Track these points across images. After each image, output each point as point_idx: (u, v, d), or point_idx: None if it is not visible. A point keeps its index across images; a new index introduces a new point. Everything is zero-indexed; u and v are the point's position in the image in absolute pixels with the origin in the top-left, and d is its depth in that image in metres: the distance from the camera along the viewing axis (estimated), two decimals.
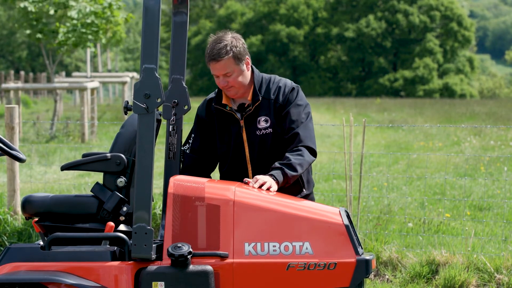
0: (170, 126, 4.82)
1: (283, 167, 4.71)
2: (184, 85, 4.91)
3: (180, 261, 4.43)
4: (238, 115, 4.93)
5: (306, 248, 4.35)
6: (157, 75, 4.41)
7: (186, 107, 4.88)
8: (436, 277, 6.74)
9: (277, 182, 4.66)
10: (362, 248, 4.47)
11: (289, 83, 4.97)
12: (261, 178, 4.62)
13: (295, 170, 4.72)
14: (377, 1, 59.23)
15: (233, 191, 4.44)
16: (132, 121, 4.87)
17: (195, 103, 5.05)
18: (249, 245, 4.35)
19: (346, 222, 4.40)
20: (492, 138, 18.32)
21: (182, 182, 4.50)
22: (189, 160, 4.98)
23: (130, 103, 4.54)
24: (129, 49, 68.19)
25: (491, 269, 6.70)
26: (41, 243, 4.68)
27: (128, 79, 27.37)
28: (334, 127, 20.45)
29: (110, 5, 18.94)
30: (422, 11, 58.31)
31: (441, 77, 57.74)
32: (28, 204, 4.74)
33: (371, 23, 57.40)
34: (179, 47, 4.95)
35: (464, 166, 12.68)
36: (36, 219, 4.78)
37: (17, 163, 8.26)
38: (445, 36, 58.77)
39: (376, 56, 58.43)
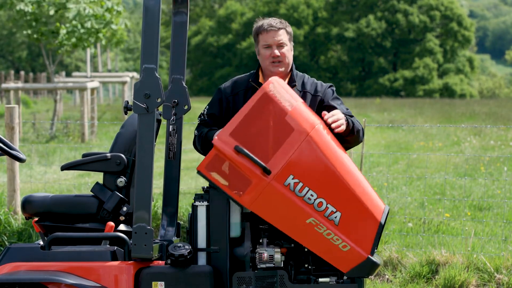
0: (170, 126, 4.82)
1: (351, 120, 4.81)
2: (184, 85, 4.92)
3: (180, 261, 4.43)
4: None
5: (336, 217, 4.39)
6: (157, 75, 4.42)
7: (186, 107, 4.89)
8: (436, 277, 6.74)
9: (347, 125, 4.74)
10: (376, 249, 4.49)
11: (324, 83, 5.11)
12: (339, 115, 4.67)
13: (357, 127, 4.84)
14: (377, 1, 59.21)
15: (314, 126, 4.44)
16: (132, 121, 4.87)
17: (195, 103, 5.06)
18: (292, 179, 4.37)
19: (383, 221, 4.44)
20: (492, 138, 18.31)
21: (279, 87, 4.50)
22: (208, 125, 4.96)
23: (130, 103, 4.55)
24: (129, 49, 68.16)
25: (491, 269, 6.70)
26: (41, 243, 4.69)
27: (128, 79, 27.37)
28: None
29: (110, 9, 18.93)
30: (422, 11, 58.28)
31: (441, 77, 57.72)
32: (28, 204, 4.75)
33: (371, 23, 57.37)
34: (179, 47, 4.96)
35: (464, 166, 12.68)
36: (36, 219, 4.78)
37: (17, 163, 8.26)
38: (445, 36, 58.75)
39: (376, 56, 58.41)
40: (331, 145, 4.45)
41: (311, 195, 4.38)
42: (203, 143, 4.89)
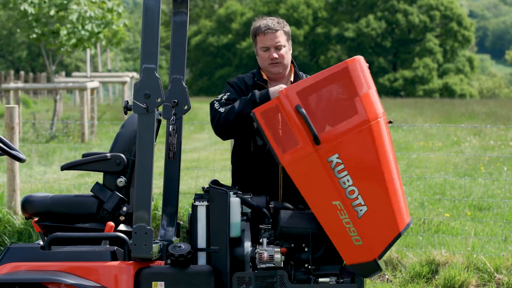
0: (170, 126, 4.82)
1: None
2: (184, 85, 4.92)
3: (180, 261, 4.43)
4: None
5: (361, 210, 4.38)
6: (157, 75, 4.42)
7: (186, 107, 4.89)
8: (436, 277, 6.74)
9: None
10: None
11: None
12: None
13: None
14: (377, 1, 59.21)
15: (377, 118, 4.41)
16: (132, 121, 4.87)
17: (195, 103, 5.06)
18: (336, 158, 4.36)
19: (402, 232, 4.44)
20: (492, 138, 18.31)
21: (360, 69, 4.47)
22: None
23: (130, 103, 4.55)
24: (129, 49, 68.16)
25: (491, 269, 6.70)
26: (41, 243, 4.69)
27: (128, 79, 27.35)
28: None
29: (111, 10, 18.93)
30: (422, 11, 58.28)
31: (441, 77, 57.72)
32: (28, 204, 4.75)
33: (371, 23, 57.37)
34: (179, 47, 4.96)
35: (464, 166, 12.67)
36: (36, 219, 4.78)
37: (17, 163, 8.26)
38: (445, 36, 58.74)
39: (376, 56, 58.41)
40: (385, 142, 4.42)
41: (347, 180, 4.36)
42: (246, 106, 4.75)
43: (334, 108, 4.38)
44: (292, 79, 5.04)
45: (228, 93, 4.98)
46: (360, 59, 4.50)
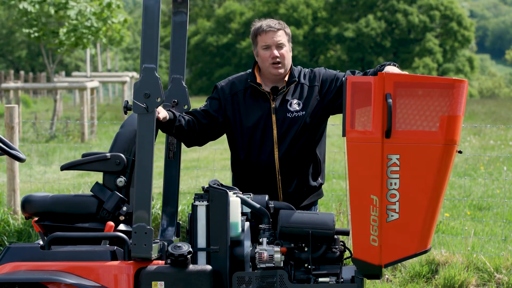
0: None
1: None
2: (183, 84, 4.93)
3: (180, 261, 4.43)
4: (271, 96, 4.96)
5: (392, 216, 4.37)
6: (156, 74, 4.41)
7: (186, 107, 4.90)
8: (436, 276, 6.74)
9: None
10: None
11: (316, 68, 5.12)
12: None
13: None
14: (377, 1, 59.22)
15: (452, 144, 4.38)
16: (132, 120, 4.87)
17: (195, 103, 5.06)
18: (396, 159, 4.35)
19: (417, 255, 4.44)
20: (492, 137, 18.31)
21: (465, 92, 4.40)
22: (199, 116, 4.94)
23: (130, 102, 4.54)
24: (129, 49, 68.13)
25: (491, 269, 6.71)
26: (41, 242, 4.68)
27: (127, 79, 27.36)
28: (333, 127, 20.43)
29: (109, 4, 18.93)
30: (422, 10, 58.27)
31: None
32: (27, 204, 4.74)
33: (370, 23, 57.36)
34: (178, 46, 4.96)
35: (464, 166, 12.67)
36: (36, 218, 4.78)
37: (16, 163, 8.26)
38: (445, 36, 58.73)
39: (375, 56, 58.40)
40: (447, 168, 4.40)
41: (395, 183, 4.34)
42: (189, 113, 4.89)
43: (420, 113, 4.35)
44: (286, 78, 5.02)
45: (207, 103, 5.01)
46: (467, 83, 4.46)
